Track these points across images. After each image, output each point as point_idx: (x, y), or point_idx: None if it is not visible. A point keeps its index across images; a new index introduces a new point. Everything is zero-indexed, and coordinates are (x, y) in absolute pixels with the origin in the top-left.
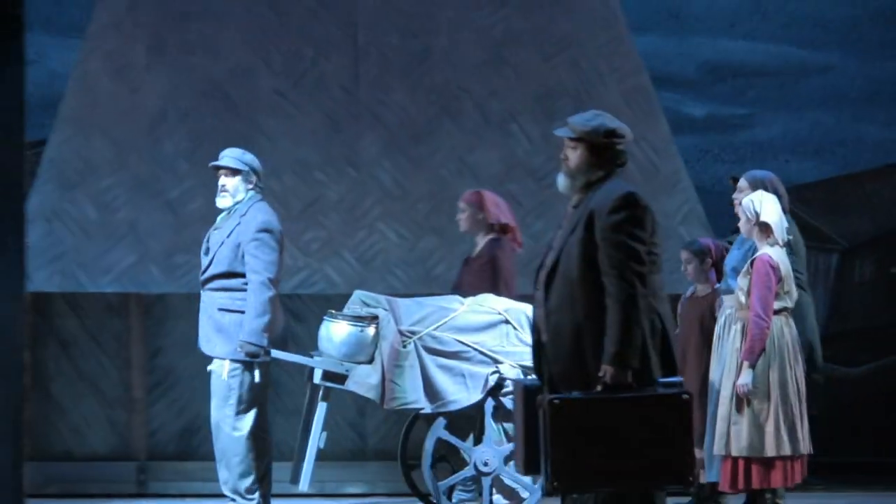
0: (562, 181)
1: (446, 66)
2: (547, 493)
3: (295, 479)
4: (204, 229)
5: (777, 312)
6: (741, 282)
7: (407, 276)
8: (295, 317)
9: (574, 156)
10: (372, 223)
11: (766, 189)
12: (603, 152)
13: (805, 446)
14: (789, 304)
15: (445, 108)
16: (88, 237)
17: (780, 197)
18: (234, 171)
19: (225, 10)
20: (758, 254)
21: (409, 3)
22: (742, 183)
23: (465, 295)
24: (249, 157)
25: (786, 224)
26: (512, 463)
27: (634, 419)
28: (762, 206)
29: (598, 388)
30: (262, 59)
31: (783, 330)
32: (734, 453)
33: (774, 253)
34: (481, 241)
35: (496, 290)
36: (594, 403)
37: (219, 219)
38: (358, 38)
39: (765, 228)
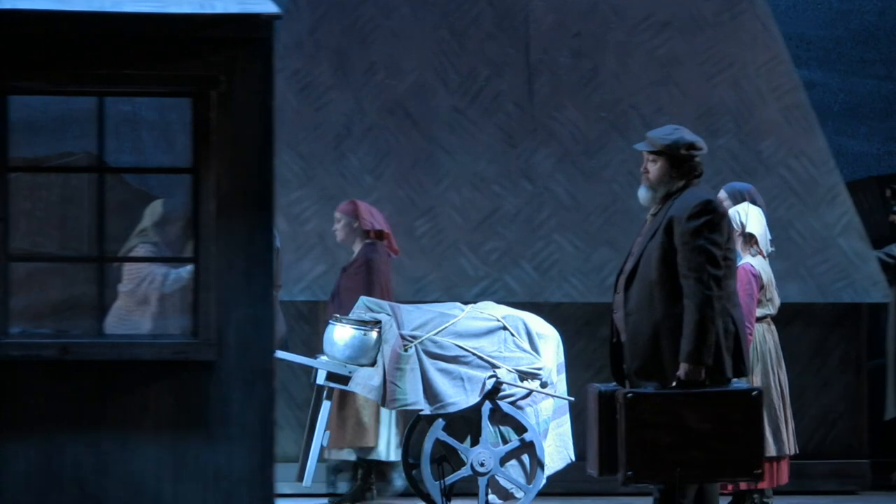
0: (643, 193)
1: (615, 85)
2: (622, 482)
3: (300, 477)
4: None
5: (759, 320)
6: None
7: (582, 284)
8: None
9: (654, 168)
10: (548, 234)
11: (744, 200)
12: (682, 164)
13: (789, 448)
14: (772, 311)
15: (615, 124)
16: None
17: (760, 207)
18: None
19: (405, 31)
20: (740, 263)
21: (579, 25)
22: (721, 194)
23: (342, 301)
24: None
25: (769, 236)
26: (508, 464)
27: (705, 414)
28: (748, 217)
29: (673, 383)
30: (441, 78)
31: (766, 336)
32: None
33: (756, 262)
34: (357, 247)
35: (371, 291)
36: (667, 398)
37: None
38: (531, 58)
39: (749, 239)
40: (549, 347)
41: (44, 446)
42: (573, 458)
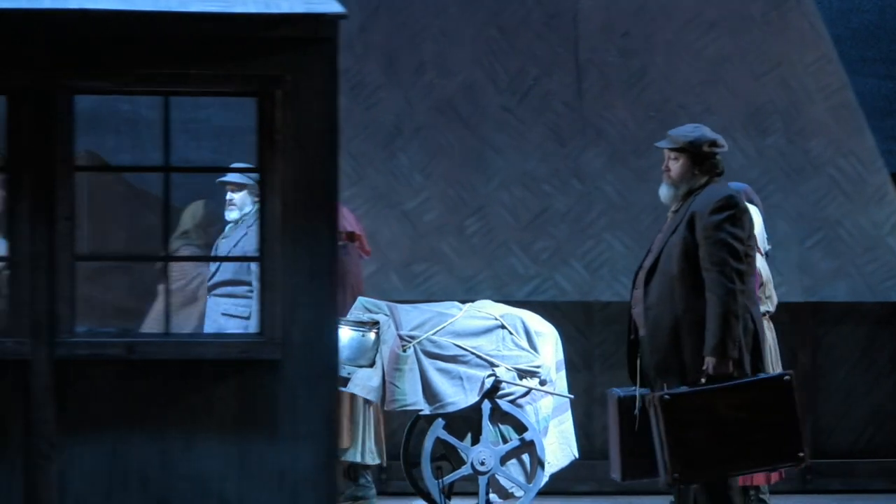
0: (665, 191)
1: (664, 84)
2: (668, 485)
3: None
4: (440, 239)
5: None
6: None
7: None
8: None
9: (676, 166)
10: (598, 233)
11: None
12: (704, 161)
13: None
14: (770, 308)
15: (664, 124)
16: None
17: (756, 206)
18: (240, 186)
19: (454, 30)
20: None
21: (627, 24)
22: None
23: None
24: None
25: (766, 235)
26: (508, 463)
27: (741, 405)
28: None
29: (702, 380)
30: (490, 77)
31: (765, 333)
32: None
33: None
34: None
35: (343, 294)
36: (702, 394)
37: (227, 228)
38: (580, 57)
39: None
40: (547, 345)
41: (109, 445)
42: (576, 456)
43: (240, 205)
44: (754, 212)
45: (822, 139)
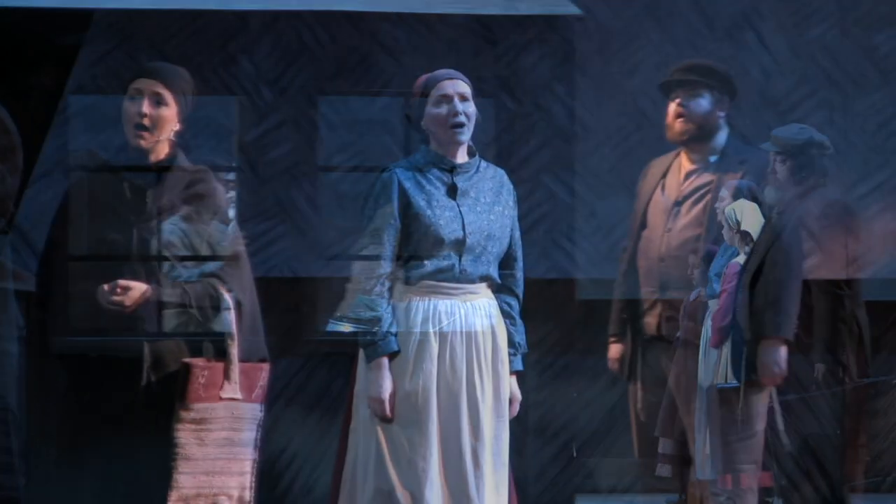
0: (771, 194)
1: None
2: (778, 493)
3: None
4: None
5: None
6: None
7: None
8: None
9: (783, 169)
10: None
11: (745, 197)
12: (812, 164)
13: None
14: None
15: None
16: None
17: (760, 205)
18: None
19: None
20: (732, 260)
21: None
22: (723, 192)
23: None
24: None
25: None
26: None
27: (849, 413)
28: (743, 214)
29: (813, 385)
30: None
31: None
32: None
33: None
34: None
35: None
36: (811, 401)
37: None
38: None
39: (745, 237)
40: None
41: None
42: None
43: None
44: (753, 208)
45: None
